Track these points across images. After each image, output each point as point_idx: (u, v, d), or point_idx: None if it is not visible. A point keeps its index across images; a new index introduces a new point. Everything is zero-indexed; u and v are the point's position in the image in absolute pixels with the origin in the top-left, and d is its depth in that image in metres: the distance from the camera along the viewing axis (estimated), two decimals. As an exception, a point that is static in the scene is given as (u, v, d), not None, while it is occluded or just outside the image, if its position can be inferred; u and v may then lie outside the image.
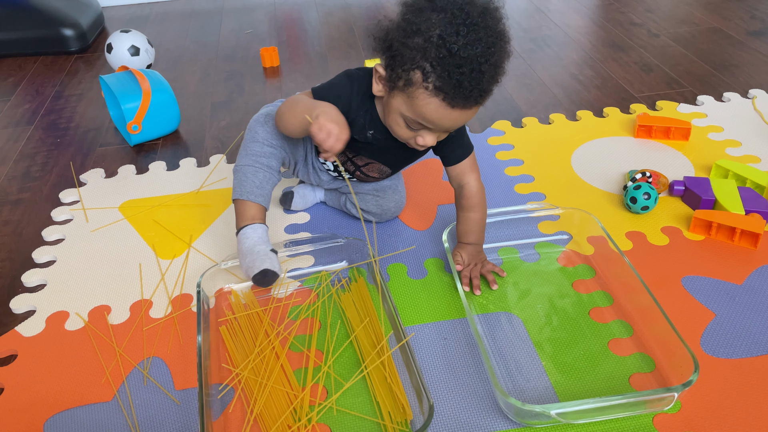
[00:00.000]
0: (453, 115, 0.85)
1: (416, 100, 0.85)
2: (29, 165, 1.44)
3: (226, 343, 0.93)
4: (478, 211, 1.03)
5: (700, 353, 0.89)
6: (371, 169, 1.08)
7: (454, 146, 1.01)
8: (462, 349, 0.92)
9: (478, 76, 0.81)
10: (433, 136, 0.91)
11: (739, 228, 1.07)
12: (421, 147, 0.93)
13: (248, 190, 0.99)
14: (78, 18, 2.02)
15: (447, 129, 0.90)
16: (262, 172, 0.99)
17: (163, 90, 1.45)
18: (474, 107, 0.86)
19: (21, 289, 1.08)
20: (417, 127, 0.89)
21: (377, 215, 1.15)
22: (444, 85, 0.81)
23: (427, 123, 0.87)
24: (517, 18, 2.12)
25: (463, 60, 0.79)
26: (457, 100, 0.82)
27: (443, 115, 0.85)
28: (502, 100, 1.60)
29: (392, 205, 1.14)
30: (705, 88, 1.62)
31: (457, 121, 0.87)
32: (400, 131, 0.92)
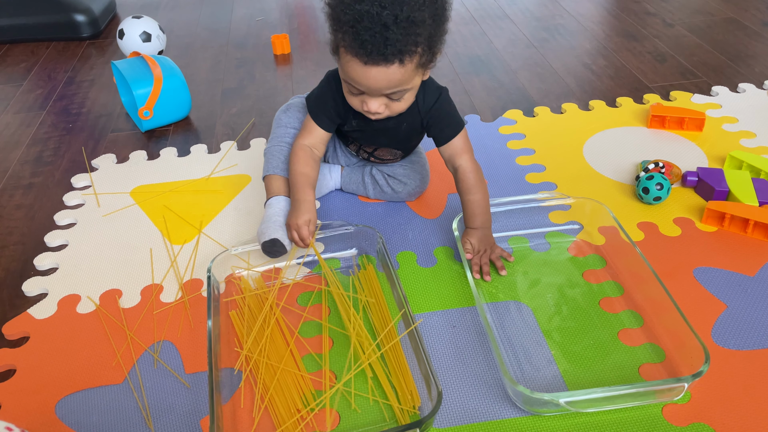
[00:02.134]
0: (371, 72, 0.86)
1: (343, 61, 0.88)
2: (41, 150, 1.44)
3: (235, 327, 0.94)
4: (477, 192, 1.02)
5: (710, 344, 0.88)
6: (382, 153, 1.11)
7: (442, 125, 1.03)
8: (471, 337, 0.92)
9: (382, 32, 0.81)
10: (374, 101, 0.92)
11: (752, 219, 1.06)
12: (372, 115, 0.94)
13: (274, 166, 1.07)
14: (90, 4, 2.03)
15: (376, 89, 0.89)
16: (288, 149, 1.07)
17: (174, 76, 1.45)
18: (392, 65, 0.85)
19: (33, 272, 1.09)
20: (356, 92, 0.92)
21: (394, 195, 1.16)
22: (352, 42, 0.84)
23: (356, 84, 0.89)
24: (530, 7, 2.10)
25: (363, 15, 0.81)
26: (367, 57, 0.84)
27: (362, 73, 0.86)
28: (514, 90, 1.59)
29: (412, 187, 1.16)
30: (720, 78, 1.60)
31: (379, 80, 0.87)
32: (351, 101, 0.95)
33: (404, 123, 1.03)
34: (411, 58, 0.86)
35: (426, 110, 1.02)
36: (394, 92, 0.91)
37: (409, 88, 0.92)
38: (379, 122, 1.00)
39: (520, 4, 2.13)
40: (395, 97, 0.92)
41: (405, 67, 0.86)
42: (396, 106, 0.94)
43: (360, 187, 1.19)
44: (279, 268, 1.05)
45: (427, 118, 1.02)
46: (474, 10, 2.10)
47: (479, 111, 1.50)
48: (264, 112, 1.54)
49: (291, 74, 1.73)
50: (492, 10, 2.09)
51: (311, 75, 1.72)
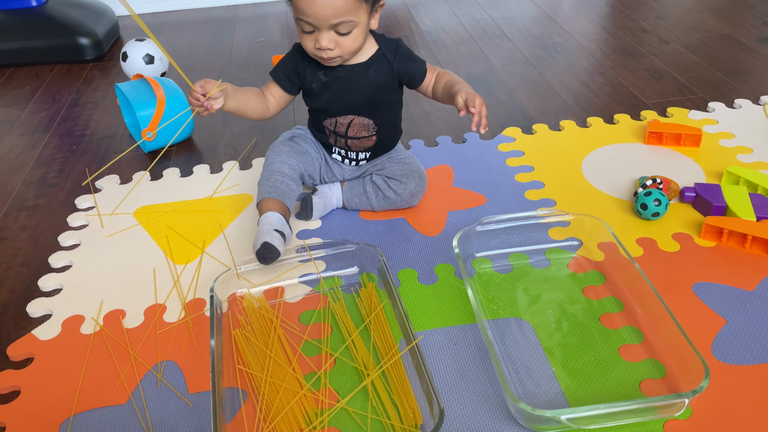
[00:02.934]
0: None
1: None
2: (46, 171, 1.46)
3: (239, 346, 0.95)
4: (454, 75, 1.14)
5: (711, 359, 0.89)
6: (356, 129, 1.16)
7: (413, 66, 1.12)
8: (472, 354, 0.93)
9: None
10: (324, 35, 1.00)
11: (750, 234, 1.07)
12: (324, 53, 1.02)
13: (263, 191, 1.13)
14: (94, 27, 2.06)
15: (323, 17, 0.97)
16: (275, 176, 1.13)
17: (177, 98, 1.47)
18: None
19: (38, 294, 1.10)
20: (308, 29, 1.00)
21: (397, 198, 1.19)
22: None
23: (305, 16, 0.98)
24: (528, 26, 2.13)
25: None
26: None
27: (308, 1, 0.96)
28: (512, 107, 1.61)
29: (413, 185, 1.18)
30: (716, 94, 1.62)
31: (324, 7, 0.96)
32: (304, 42, 1.04)
33: (370, 70, 1.11)
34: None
35: (392, 55, 1.11)
36: (339, 23, 0.98)
37: (355, 21, 1.00)
38: (345, 70, 1.09)
39: (517, 22, 2.16)
40: (342, 30, 1.00)
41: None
42: (345, 44, 1.02)
43: (363, 199, 1.21)
44: (282, 287, 1.06)
45: (396, 62, 1.11)
46: (472, 29, 2.13)
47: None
48: (265, 131, 1.56)
49: (292, 94, 1.75)
50: (490, 29, 2.12)
51: (312, 95, 1.74)
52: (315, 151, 1.22)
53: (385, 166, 1.22)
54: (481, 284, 1.05)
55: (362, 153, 1.21)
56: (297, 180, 1.16)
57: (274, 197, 1.11)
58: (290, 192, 1.13)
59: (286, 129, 1.56)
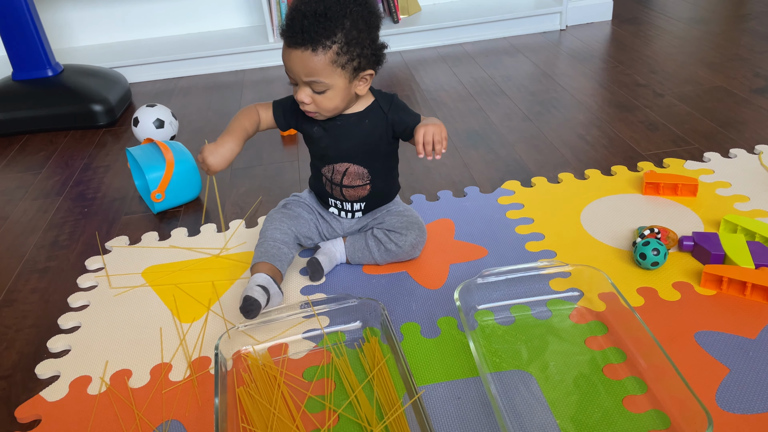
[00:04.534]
0: (291, 55, 1.05)
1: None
2: (57, 234, 1.50)
3: (243, 404, 0.95)
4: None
5: (715, 409, 0.88)
6: (351, 178, 1.20)
7: (406, 119, 1.17)
8: (476, 408, 0.92)
9: (301, 20, 1.01)
10: (300, 90, 1.08)
11: (750, 282, 1.08)
12: (302, 108, 1.10)
13: (256, 257, 1.19)
14: (107, 94, 2.14)
15: (295, 72, 1.06)
16: (267, 242, 1.20)
17: (185, 160, 1.52)
18: (304, 49, 1.03)
19: (46, 355, 1.11)
20: (292, 82, 1.09)
21: (399, 250, 1.22)
22: (283, 29, 1.05)
23: (286, 68, 1.08)
24: (525, 83, 2.20)
25: (291, 10, 1.04)
26: (288, 39, 1.04)
27: (286, 55, 1.06)
28: (511, 161, 1.65)
29: (413, 237, 1.22)
30: (711, 144, 1.65)
31: (296, 63, 1.05)
32: (294, 92, 1.10)
33: (366, 119, 1.17)
34: (324, 50, 1.03)
35: (387, 106, 1.17)
36: (312, 81, 1.06)
37: (328, 83, 1.06)
38: (342, 118, 1.15)
39: (515, 80, 2.23)
40: (317, 89, 1.07)
41: (317, 56, 1.03)
42: (321, 102, 1.09)
43: (366, 253, 1.23)
44: (286, 343, 1.07)
45: (391, 113, 1.16)
46: (470, 87, 2.19)
47: (478, 183, 1.55)
48: (270, 190, 1.60)
49: (297, 154, 1.80)
50: (488, 86, 2.19)
51: (316, 154, 1.79)
52: (308, 212, 1.27)
53: (384, 219, 1.25)
54: (483, 337, 1.06)
55: (357, 203, 1.25)
56: (290, 243, 1.22)
57: (264, 261, 1.17)
58: (281, 255, 1.19)
59: (292, 186, 1.61)
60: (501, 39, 2.67)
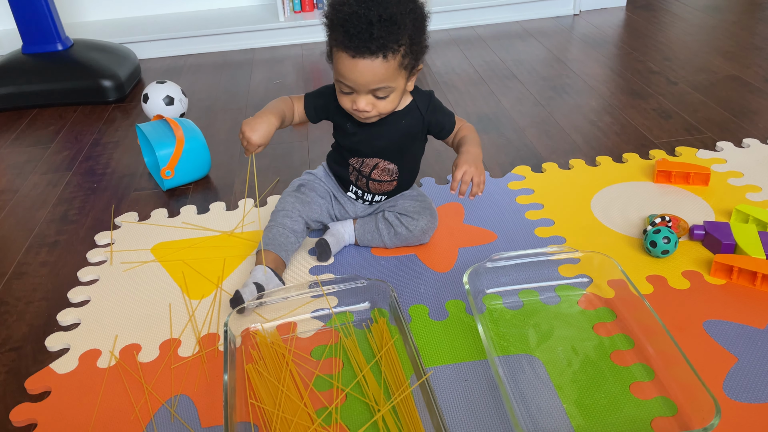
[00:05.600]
0: (359, 65, 0.98)
1: (334, 60, 1.01)
2: (67, 209, 1.50)
3: (251, 381, 0.96)
4: (476, 133, 1.16)
5: (722, 397, 0.89)
6: (380, 172, 1.19)
7: (443, 120, 1.16)
8: (483, 390, 0.93)
9: (368, 28, 0.94)
10: (362, 98, 1.02)
11: (760, 272, 1.07)
12: (361, 114, 1.05)
13: (263, 242, 1.19)
14: (116, 70, 2.14)
15: (363, 83, 1.00)
16: (276, 228, 1.19)
17: (195, 137, 1.52)
18: (375, 58, 0.97)
19: (56, 328, 1.12)
20: (347, 90, 1.03)
21: (409, 234, 1.21)
22: (342, 39, 0.97)
23: (345, 80, 1.01)
24: (537, 67, 2.18)
25: (352, 15, 0.95)
26: (354, 51, 0.96)
27: (351, 66, 0.98)
28: (522, 146, 1.64)
29: (424, 222, 1.21)
30: (724, 134, 1.64)
31: (365, 74, 0.98)
32: (342, 101, 1.06)
33: (403, 120, 1.14)
34: (394, 55, 0.98)
35: (425, 108, 1.14)
36: (379, 88, 1.01)
37: (393, 87, 1.02)
38: (375, 125, 1.11)
39: (527, 64, 2.21)
40: (381, 95, 1.02)
41: (388, 62, 0.98)
42: (382, 106, 1.04)
43: (375, 236, 1.23)
44: (294, 322, 1.08)
45: (428, 114, 1.14)
46: (482, 71, 2.18)
47: (488, 167, 1.55)
48: (280, 170, 1.60)
49: (307, 135, 1.80)
50: (500, 70, 2.17)
51: (326, 135, 1.77)
52: (322, 196, 1.25)
53: (397, 202, 1.24)
54: (491, 320, 1.06)
55: (378, 195, 1.24)
56: (299, 231, 1.21)
57: (270, 249, 1.17)
58: (288, 244, 1.19)
59: (301, 166, 1.60)
60: (513, 23, 2.64)
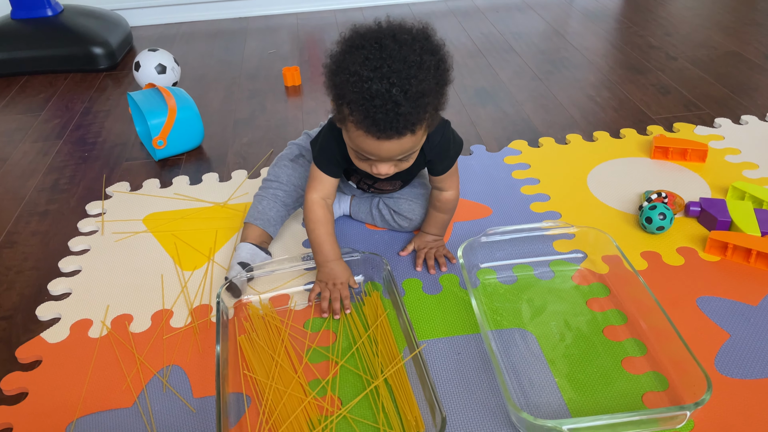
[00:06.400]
0: (384, 146, 0.86)
1: (351, 132, 0.88)
2: (58, 178, 1.48)
3: (244, 352, 0.96)
4: (448, 214, 1.14)
5: (714, 373, 0.89)
6: (384, 184, 1.14)
7: (443, 159, 1.06)
8: (475, 363, 0.93)
9: (394, 109, 0.81)
10: (385, 164, 0.92)
11: (755, 250, 1.07)
12: (381, 176, 0.94)
13: (251, 214, 1.15)
14: (107, 37, 2.09)
15: (388, 158, 0.90)
16: (267, 200, 1.16)
17: (188, 107, 1.49)
18: (404, 137, 0.85)
19: (47, 297, 1.11)
20: (365, 158, 0.92)
21: (401, 229, 1.19)
22: (363, 120, 0.83)
23: (367, 154, 0.89)
24: (536, 41, 2.15)
25: (373, 94, 0.80)
26: (378, 133, 0.84)
27: (375, 147, 0.87)
28: (519, 120, 1.62)
29: (418, 222, 1.18)
30: (723, 110, 1.62)
31: (392, 150, 0.87)
32: (358, 163, 0.95)
33: None
34: (421, 125, 0.87)
35: (430, 148, 1.02)
36: (403, 158, 0.92)
37: (417, 149, 0.93)
38: None
39: (525, 37, 2.18)
40: (404, 159, 0.93)
41: (416, 135, 0.87)
42: (403, 165, 0.95)
43: (368, 217, 1.22)
44: (288, 294, 1.07)
45: (431, 154, 1.03)
46: (480, 43, 2.15)
47: (485, 141, 1.53)
48: (274, 141, 1.58)
49: (301, 105, 1.77)
50: (498, 43, 2.14)
51: (321, 106, 1.76)
52: None
53: (393, 195, 1.20)
54: (485, 295, 1.06)
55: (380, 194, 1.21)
56: (291, 204, 1.17)
57: (257, 225, 1.14)
58: (278, 218, 1.16)
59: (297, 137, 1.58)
60: (513, -6, 2.60)
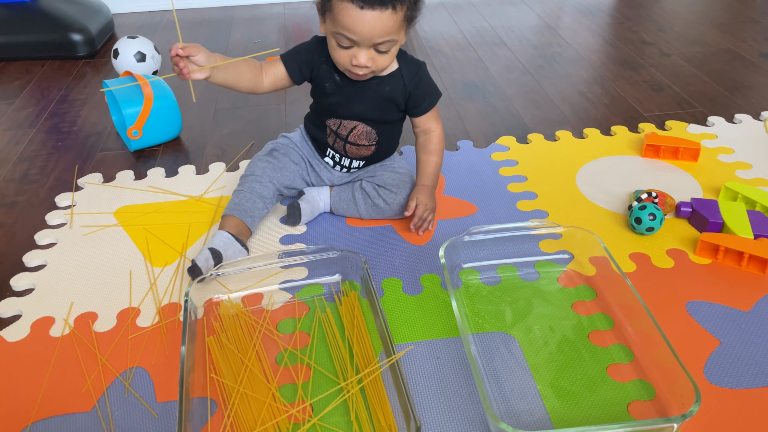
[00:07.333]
0: (367, 17, 0.92)
1: (335, 12, 0.94)
2: (28, 168, 1.43)
3: (212, 354, 0.91)
4: (438, 155, 1.15)
5: (703, 382, 0.85)
6: (357, 135, 1.13)
7: (424, 95, 1.11)
8: (455, 369, 0.89)
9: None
10: (363, 52, 0.97)
11: (747, 253, 1.03)
12: (359, 70, 1.00)
13: (229, 206, 1.13)
14: (87, 23, 2.03)
15: (369, 36, 0.95)
16: (243, 193, 1.13)
17: (165, 96, 1.44)
18: (385, 9, 0.92)
19: (9, 293, 1.06)
20: (347, 44, 0.97)
21: (386, 207, 1.16)
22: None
23: (348, 33, 0.95)
24: (527, 35, 2.11)
25: None
26: (363, 1, 0.91)
27: (358, 18, 0.92)
28: (508, 116, 1.58)
29: (402, 197, 1.15)
30: (716, 108, 1.59)
31: (374, 25, 0.93)
32: (338, 55, 1.00)
33: (387, 86, 1.08)
34: (401, 6, 0.94)
35: (410, 78, 1.08)
36: (383, 42, 0.96)
37: (396, 40, 0.98)
38: (359, 83, 1.06)
39: (517, 31, 2.13)
40: (383, 48, 0.98)
41: (396, 14, 0.94)
42: (381, 61, 1.00)
43: (351, 205, 1.17)
44: (261, 293, 1.03)
45: (411, 85, 1.08)
46: (471, 36, 2.10)
47: (472, 137, 1.49)
48: (255, 134, 1.53)
49: (284, 97, 1.72)
50: (489, 36, 2.09)
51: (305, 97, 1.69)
52: (295, 162, 1.19)
53: (376, 173, 1.18)
54: (467, 296, 1.02)
55: (356, 161, 1.18)
56: (269, 197, 1.14)
57: (234, 215, 1.10)
58: (255, 210, 1.12)
59: (278, 130, 1.53)
60: (505, -12, 2.56)
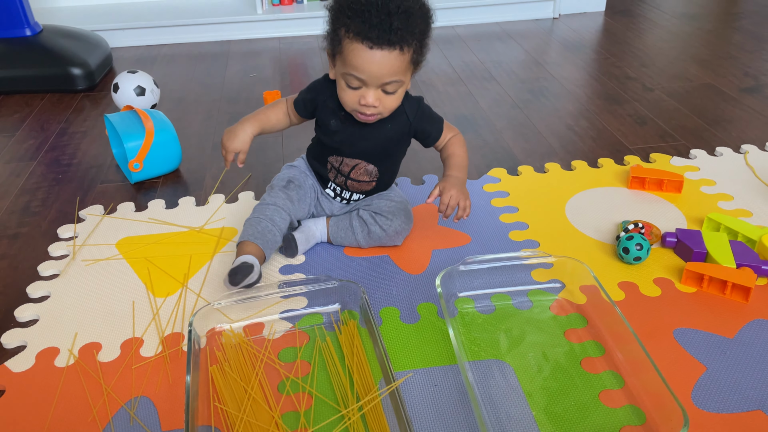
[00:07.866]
0: (376, 56, 0.97)
1: (345, 53, 0.99)
2: (30, 200, 1.45)
3: (216, 383, 0.93)
4: (462, 149, 1.18)
5: (690, 407, 0.88)
6: (359, 173, 1.18)
7: (429, 126, 1.16)
8: (452, 396, 0.91)
9: (388, 18, 0.94)
10: (371, 92, 1.01)
11: (730, 281, 1.08)
12: (367, 110, 1.04)
13: (249, 233, 1.14)
14: (86, 58, 2.07)
15: (377, 75, 0.99)
16: (265, 222, 1.15)
17: (165, 130, 1.48)
18: (392, 49, 0.97)
19: (13, 324, 1.08)
20: (356, 85, 1.01)
21: (383, 234, 1.19)
22: (359, 28, 0.96)
23: (357, 72, 0.99)
24: (515, 69, 2.18)
25: (367, 5, 0.95)
26: (373, 42, 0.96)
27: (368, 58, 0.97)
28: (498, 149, 1.63)
29: (398, 223, 1.19)
30: (698, 142, 1.65)
31: (382, 65, 0.98)
32: (347, 96, 1.04)
33: (389, 124, 1.13)
34: (408, 48, 0.99)
35: (413, 114, 1.13)
36: (390, 83, 1.00)
37: (402, 81, 1.02)
38: (363, 124, 1.10)
39: (505, 66, 2.20)
40: (390, 89, 1.02)
41: (404, 56, 0.98)
42: (388, 102, 1.04)
43: (348, 234, 1.21)
44: (262, 322, 1.05)
45: (416, 121, 1.14)
46: (461, 71, 2.17)
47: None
48: (254, 166, 1.57)
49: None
50: (478, 71, 2.16)
51: (303, 131, 1.75)
52: (309, 195, 1.23)
53: (373, 201, 1.22)
54: (463, 324, 1.05)
55: (356, 194, 1.23)
56: (283, 230, 1.17)
57: (257, 244, 1.12)
58: (275, 242, 1.16)
59: (275, 162, 1.57)
60: (493, 24, 2.64)
